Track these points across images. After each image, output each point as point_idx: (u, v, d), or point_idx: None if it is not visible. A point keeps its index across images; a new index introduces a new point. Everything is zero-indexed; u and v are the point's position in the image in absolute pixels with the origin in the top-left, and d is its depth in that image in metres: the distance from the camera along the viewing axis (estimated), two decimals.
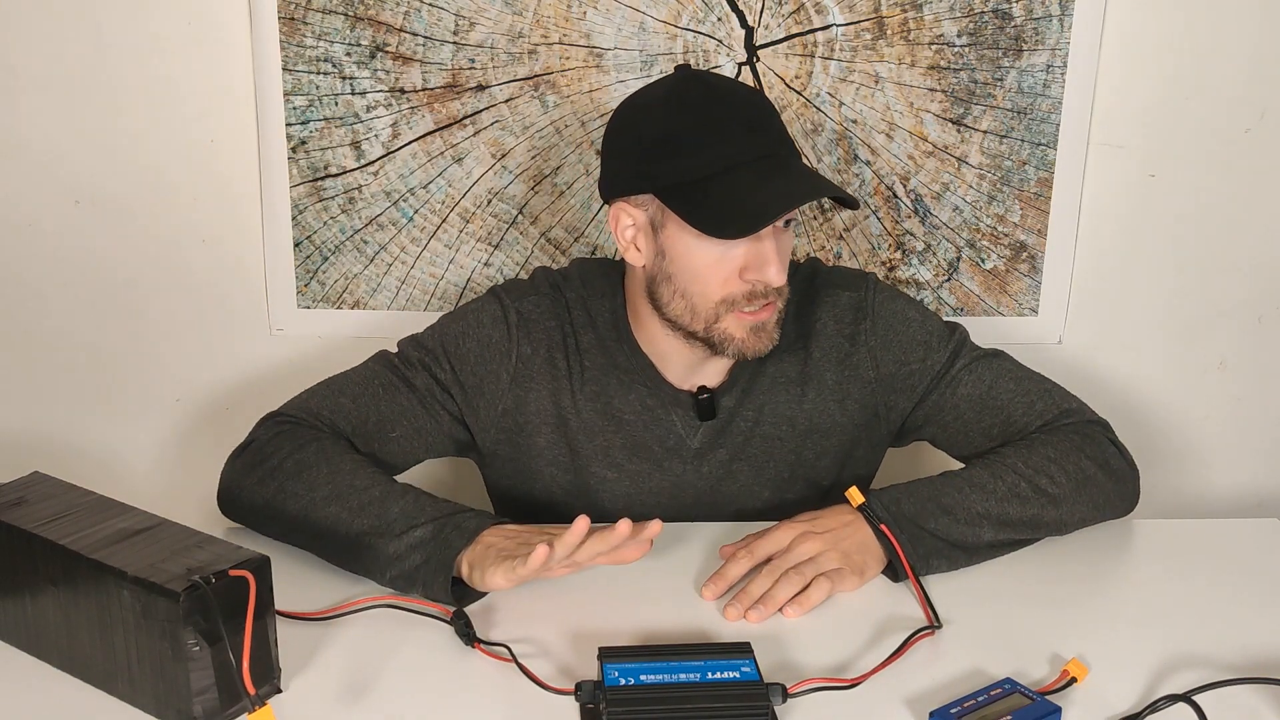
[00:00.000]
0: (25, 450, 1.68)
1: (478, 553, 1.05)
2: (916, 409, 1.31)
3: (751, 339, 1.19)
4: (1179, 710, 0.92)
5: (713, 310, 1.17)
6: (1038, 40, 1.56)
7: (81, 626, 0.92)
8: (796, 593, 1.07)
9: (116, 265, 1.63)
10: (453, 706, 0.93)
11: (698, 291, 1.17)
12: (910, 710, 0.92)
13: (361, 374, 1.28)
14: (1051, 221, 1.64)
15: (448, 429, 1.29)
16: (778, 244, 1.16)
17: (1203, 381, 1.74)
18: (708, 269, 1.16)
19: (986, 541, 1.15)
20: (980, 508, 1.14)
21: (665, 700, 0.88)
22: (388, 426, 1.25)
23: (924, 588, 1.09)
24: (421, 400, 1.26)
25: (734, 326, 1.18)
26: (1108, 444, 1.25)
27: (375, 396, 1.25)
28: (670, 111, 1.16)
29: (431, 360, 1.27)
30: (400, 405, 1.26)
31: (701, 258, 1.16)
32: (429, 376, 1.27)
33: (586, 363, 1.28)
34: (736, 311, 1.17)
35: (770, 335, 1.20)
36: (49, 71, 1.55)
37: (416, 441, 1.28)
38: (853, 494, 1.15)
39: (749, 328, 1.18)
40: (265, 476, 1.17)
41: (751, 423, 1.29)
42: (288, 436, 1.20)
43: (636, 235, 1.20)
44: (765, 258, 1.14)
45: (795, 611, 1.06)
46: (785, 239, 1.19)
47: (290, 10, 1.51)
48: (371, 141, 1.57)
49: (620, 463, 1.29)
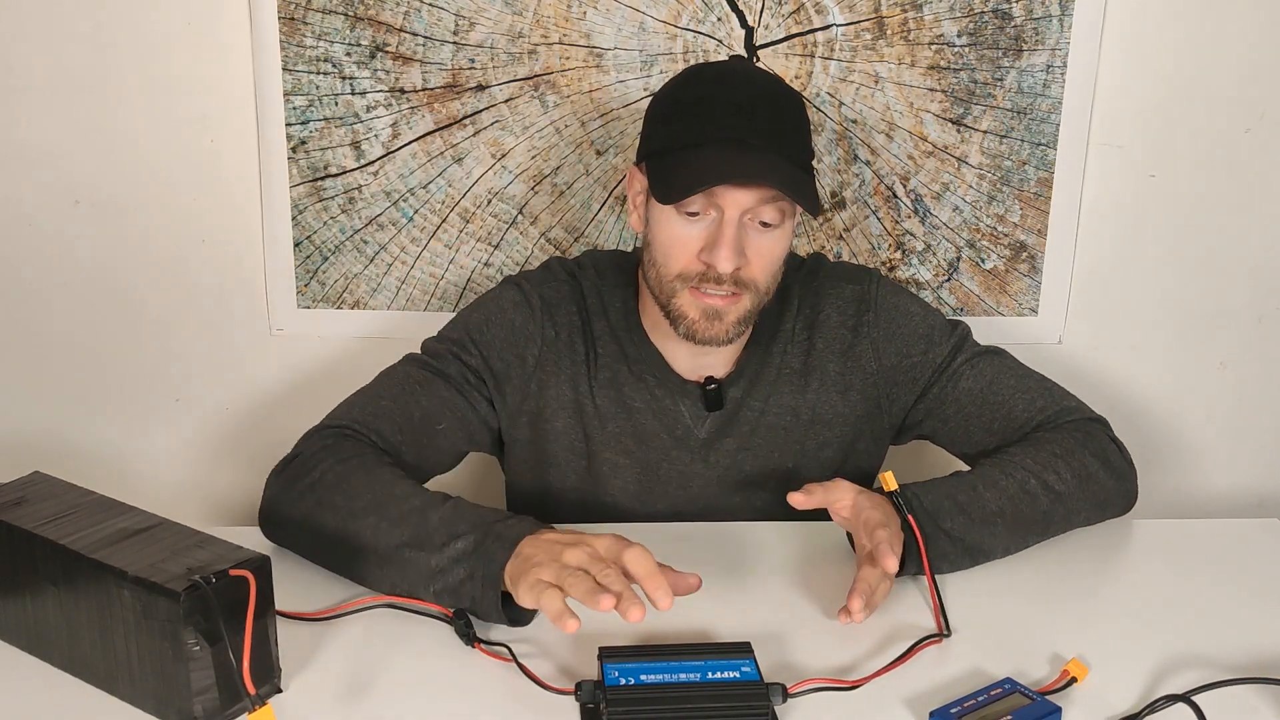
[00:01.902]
0: (25, 450, 1.68)
1: (518, 565, 0.98)
2: (918, 402, 1.31)
3: (704, 323, 1.19)
4: (1178, 710, 0.92)
5: (670, 284, 1.20)
6: (1038, 40, 1.56)
7: (82, 626, 0.92)
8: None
9: (116, 265, 1.63)
10: (453, 706, 0.93)
11: (661, 262, 1.20)
12: (910, 710, 0.92)
13: (395, 377, 1.27)
14: (1051, 221, 1.64)
15: (484, 415, 1.29)
16: (745, 236, 1.16)
17: (1203, 382, 1.74)
18: (671, 242, 1.18)
19: (1000, 544, 1.14)
20: (995, 505, 1.14)
21: (665, 700, 0.88)
22: (433, 419, 1.25)
23: (940, 593, 1.07)
24: (459, 388, 1.27)
25: (687, 305, 1.19)
26: (1108, 442, 1.26)
27: (414, 394, 1.25)
28: (680, 84, 1.21)
29: (460, 349, 1.28)
30: (440, 397, 1.26)
31: (668, 229, 1.18)
32: (461, 364, 1.27)
33: (600, 350, 1.30)
34: (690, 289, 1.19)
35: (726, 327, 1.20)
36: (49, 71, 1.55)
37: (461, 432, 1.28)
38: (888, 479, 1.12)
39: (701, 309, 1.19)
40: (306, 490, 1.12)
41: (758, 413, 1.30)
42: (332, 450, 1.16)
43: (639, 199, 1.24)
44: (719, 240, 1.15)
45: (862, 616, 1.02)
46: (760, 238, 1.18)
47: (290, 10, 1.51)
48: (371, 141, 1.57)
49: (630, 450, 1.30)
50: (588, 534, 0.98)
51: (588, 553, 0.94)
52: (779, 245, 1.20)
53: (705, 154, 1.14)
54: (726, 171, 1.13)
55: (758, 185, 1.14)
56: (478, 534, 1.02)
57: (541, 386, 1.29)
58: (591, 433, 1.30)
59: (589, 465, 1.31)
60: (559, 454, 1.31)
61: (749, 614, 1.07)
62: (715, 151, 1.14)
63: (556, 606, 0.90)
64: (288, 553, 1.14)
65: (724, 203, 1.15)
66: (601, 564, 0.92)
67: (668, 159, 1.17)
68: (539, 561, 0.95)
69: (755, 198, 1.15)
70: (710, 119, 1.16)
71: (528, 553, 0.98)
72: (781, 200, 1.15)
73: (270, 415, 1.68)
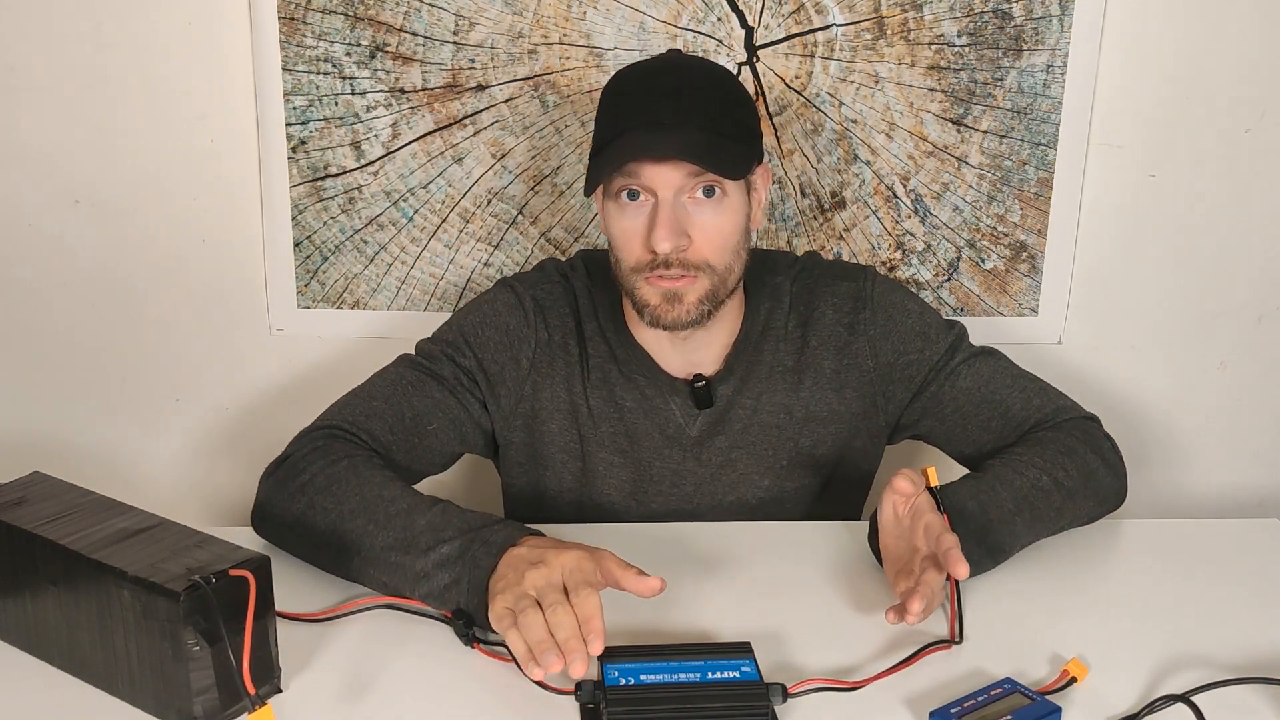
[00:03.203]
0: (25, 450, 1.68)
1: (496, 579, 0.98)
2: (914, 401, 1.31)
3: (666, 307, 1.20)
4: (1178, 710, 0.92)
5: (629, 277, 1.21)
6: (1038, 40, 1.56)
7: (82, 626, 0.92)
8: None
9: (116, 265, 1.63)
10: (453, 706, 0.93)
11: (620, 257, 1.22)
12: (910, 710, 0.92)
13: (387, 377, 1.28)
14: (1051, 221, 1.64)
15: (477, 417, 1.29)
16: (686, 216, 1.17)
17: (1202, 381, 1.74)
18: (620, 234, 1.20)
19: (1020, 543, 1.14)
20: (1012, 504, 1.14)
21: (665, 700, 0.88)
22: (424, 420, 1.25)
23: (960, 601, 1.05)
24: (451, 390, 1.27)
25: (648, 292, 1.20)
26: (1103, 439, 1.27)
27: (406, 395, 1.25)
28: (610, 83, 1.22)
29: (454, 350, 1.28)
30: (432, 398, 1.26)
31: (616, 223, 1.20)
32: (454, 365, 1.28)
33: (591, 351, 1.30)
34: (645, 279, 1.20)
35: (688, 308, 1.20)
36: (49, 71, 1.55)
37: (453, 432, 1.28)
38: (931, 474, 1.09)
39: (661, 294, 1.20)
40: (297, 492, 1.13)
41: (750, 411, 1.30)
42: (322, 452, 1.16)
43: (599, 203, 1.25)
44: (655, 222, 1.16)
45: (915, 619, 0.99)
46: (701, 214, 1.18)
47: (290, 10, 1.51)
48: (371, 141, 1.57)
49: (624, 449, 1.30)
50: (563, 546, 0.97)
51: (545, 579, 0.93)
52: (724, 220, 1.19)
53: (623, 140, 1.16)
54: (638, 150, 1.14)
55: (668, 160, 1.15)
56: (463, 540, 1.02)
57: (536, 388, 1.30)
58: (586, 433, 1.30)
59: (583, 466, 1.31)
60: (554, 455, 1.31)
61: (749, 614, 1.07)
62: (631, 135, 1.16)
63: (520, 651, 0.91)
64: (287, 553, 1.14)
65: (654, 184, 1.16)
66: (556, 597, 0.92)
67: (597, 156, 1.19)
68: (506, 586, 0.95)
69: (680, 174, 1.15)
70: (630, 107, 1.18)
71: (502, 569, 0.98)
72: (714, 174, 1.16)
73: (270, 415, 1.68)
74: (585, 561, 0.95)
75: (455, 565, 1.01)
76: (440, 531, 1.03)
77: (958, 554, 0.98)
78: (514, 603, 0.93)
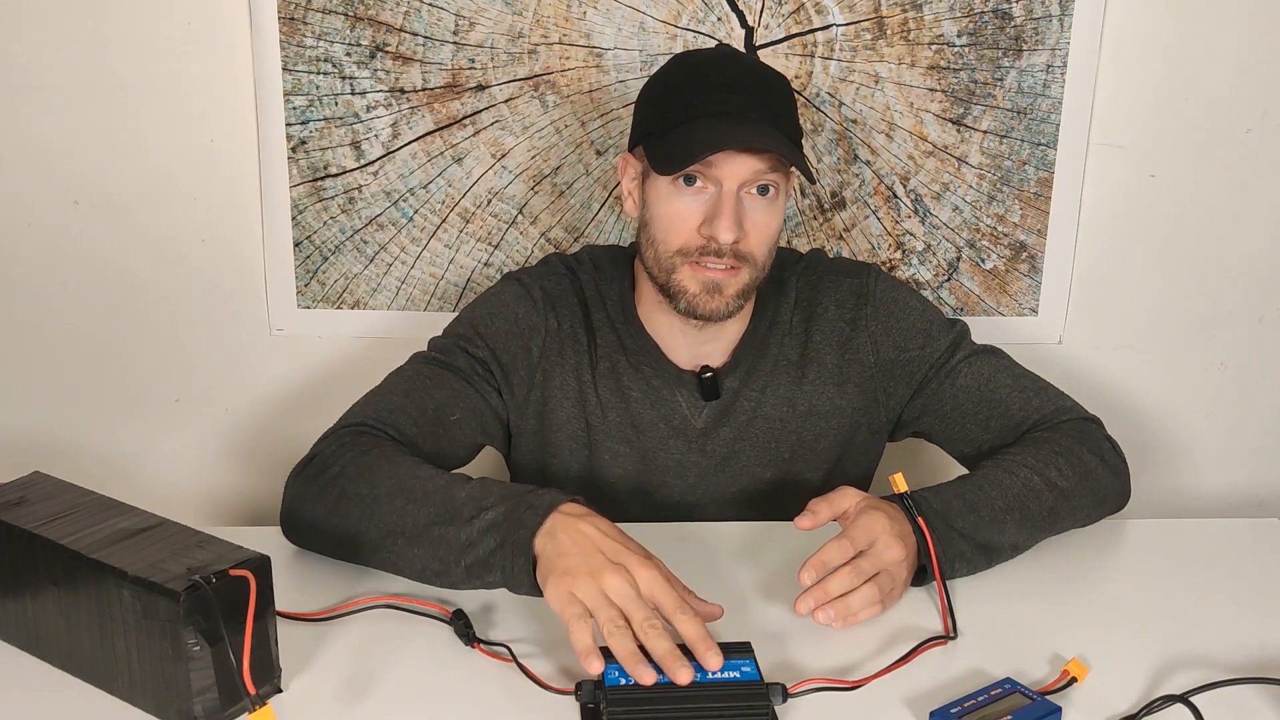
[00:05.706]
0: (25, 450, 1.68)
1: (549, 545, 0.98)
2: (915, 397, 1.32)
3: (704, 297, 1.21)
4: (1177, 711, 0.92)
5: (670, 260, 1.21)
6: (1038, 40, 1.56)
7: (82, 626, 0.92)
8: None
9: (116, 265, 1.63)
10: (453, 706, 0.93)
11: (662, 239, 1.22)
12: (910, 710, 0.92)
13: (404, 374, 1.28)
14: (1051, 221, 1.64)
15: (495, 406, 1.30)
16: (742, 210, 1.19)
17: (1202, 382, 1.74)
18: (671, 218, 1.20)
19: (1010, 541, 1.14)
20: (1002, 503, 1.14)
21: (665, 700, 0.88)
22: (447, 411, 1.25)
23: (949, 595, 1.06)
24: (469, 380, 1.28)
25: (688, 279, 1.21)
26: (1104, 440, 1.27)
27: (425, 388, 1.25)
28: (669, 69, 1.23)
29: (467, 343, 1.29)
30: (451, 389, 1.26)
31: (669, 205, 1.20)
32: (469, 357, 1.29)
33: (600, 340, 1.31)
34: (690, 263, 1.20)
35: (726, 300, 1.21)
36: (49, 71, 1.55)
37: (474, 422, 1.28)
38: (897, 480, 1.10)
39: (702, 283, 1.20)
40: (328, 485, 1.12)
41: (755, 403, 1.31)
42: (350, 446, 1.16)
43: (633, 185, 1.26)
44: (718, 212, 1.17)
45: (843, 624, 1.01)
46: (756, 212, 1.20)
47: (290, 10, 1.51)
48: (371, 141, 1.57)
49: (630, 439, 1.31)
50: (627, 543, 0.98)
51: (629, 589, 0.93)
52: (774, 220, 1.22)
53: (701, 126, 1.17)
54: (725, 140, 1.15)
55: (757, 152, 1.16)
56: (507, 504, 1.03)
57: (546, 376, 1.31)
58: (593, 422, 1.31)
59: (590, 454, 1.32)
60: (562, 442, 1.32)
61: (749, 614, 1.07)
62: (711, 124, 1.17)
63: (586, 643, 0.90)
64: (289, 553, 1.14)
65: (722, 175, 1.17)
66: (642, 610, 0.92)
67: (665, 137, 1.19)
68: (572, 565, 0.95)
69: (752, 169, 1.17)
70: (703, 96, 1.19)
71: (562, 538, 0.98)
72: (775, 173, 1.18)
73: (271, 415, 1.68)
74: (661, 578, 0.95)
75: (501, 529, 1.01)
76: (482, 500, 1.04)
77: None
78: (591, 600, 0.93)
